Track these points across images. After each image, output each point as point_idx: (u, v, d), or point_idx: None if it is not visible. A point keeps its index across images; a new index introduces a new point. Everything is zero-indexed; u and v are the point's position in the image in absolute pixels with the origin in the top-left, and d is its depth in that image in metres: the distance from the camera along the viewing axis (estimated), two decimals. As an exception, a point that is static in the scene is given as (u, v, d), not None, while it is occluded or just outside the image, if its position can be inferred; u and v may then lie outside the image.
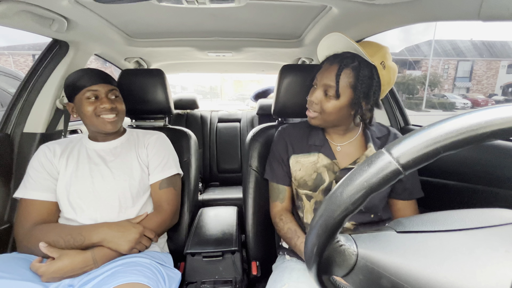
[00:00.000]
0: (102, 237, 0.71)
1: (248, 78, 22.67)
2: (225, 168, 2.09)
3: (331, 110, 0.70)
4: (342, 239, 0.30)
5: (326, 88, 0.69)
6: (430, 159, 0.24)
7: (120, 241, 0.72)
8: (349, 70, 0.66)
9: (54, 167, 0.82)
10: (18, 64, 17.95)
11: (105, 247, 0.71)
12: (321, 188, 0.75)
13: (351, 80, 0.66)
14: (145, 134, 0.95)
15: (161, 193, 0.88)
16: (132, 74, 1.09)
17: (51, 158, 0.82)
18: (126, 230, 0.74)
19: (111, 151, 0.88)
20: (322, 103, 0.70)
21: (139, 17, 1.00)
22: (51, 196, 0.80)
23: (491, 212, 0.32)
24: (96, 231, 0.72)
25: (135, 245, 0.74)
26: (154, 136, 0.95)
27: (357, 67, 0.66)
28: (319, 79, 0.71)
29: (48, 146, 0.85)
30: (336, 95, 0.67)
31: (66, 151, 0.85)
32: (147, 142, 0.92)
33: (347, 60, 0.66)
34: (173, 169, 0.91)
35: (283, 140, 0.84)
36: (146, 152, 0.91)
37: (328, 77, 0.68)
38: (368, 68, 0.66)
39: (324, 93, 0.70)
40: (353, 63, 0.66)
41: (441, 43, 23.69)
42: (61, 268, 0.66)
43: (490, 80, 23.05)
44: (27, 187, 0.78)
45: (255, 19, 1.02)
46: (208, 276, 0.82)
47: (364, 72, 0.65)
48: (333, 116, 0.71)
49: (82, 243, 0.70)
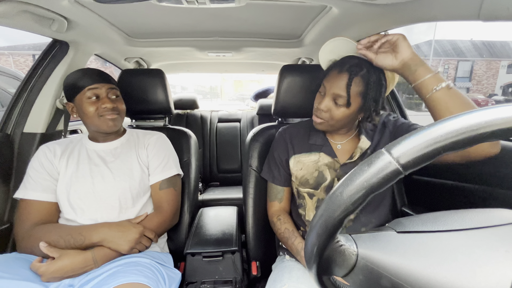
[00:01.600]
0: (102, 237, 0.71)
1: (248, 78, 22.67)
2: (225, 168, 2.08)
3: (340, 117, 0.70)
4: (342, 239, 0.30)
5: (335, 97, 0.68)
6: (430, 159, 0.24)
7: (120, 241, 0.72)
8: (359, 79, 0.66)
9: (54, 167, 0.82)
10: (18, 64, 17.93)
11: (105, 247, 0.71)
12: (323, 185, 0.76)
13: (361, 89, 0.66)
14: (145, 135, 0.95)
15: (162, 194, 0.88)
16: (132, 74, 1.09)
17: (51, 158, 0.82)
18: (126, 230, 0.74)
19: (111, 151, 0.88)
20: (331, 111, 0.70)
21: (139, 17, 1.00)
22: (51, 197, 0.80)
23: (491, 212, 0.32)
24: (96, 231, 0.72)
25: (135, 245, 0.74)
26: (154, 136, 0.95)
27: (366, 75, 0.66)
28: (328, 88, 0.69)
29: (48, 147, 0.85)
30: (347, 105, 0.67)
31: (67, 152, 0.85)
32: (147, 143, 0.92)
33: (356, 69, 0.65)
34: (173, 170, 0.91)
35: (283, 141, 0.84)
36: (146, 153, 0.90)
37: (338, 86, 0.67)
38: (376, 74, 0.66)
39: (333, 102, 0.69)
40: (361, 71, 0.66)
41: (441, 43, 23.68)
42: (61, 268, 0.66)
43: (490, 80, 23.05)
44: (27, 188, 0.78)
45: (255, 19, 1.02)
46: (208, 276, 0.82)
47: (373, 78, 0.65)
48: (341, 123, 0.72)
49: (82, 243, 0.70)
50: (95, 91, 0.81)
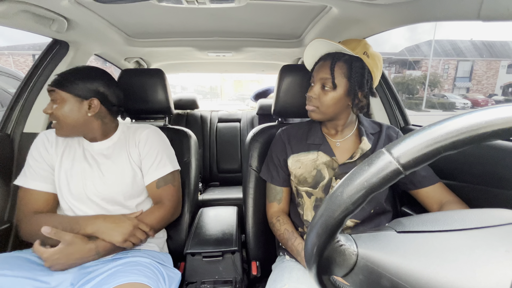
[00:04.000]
0: (96, 228, 0.72)
1: (248, 78, 22.69)
2: (225, 168, 2.08)
3: (329, 102, 0.72)
4: (342, 239, 0.30)
5: (323, 82, 0.73)
6: (431, 159, 0.24)
7: (113, 232, 0.72)
8: (342, 62, 0.71)
9: (51, 156, 0.81)
10: (18, 64, 17.95)
11: (99, 238, 0.72)
12: (321, 184, 0.76)
13: (345, 71, 0.70)
14: (136, 130, 0.89)
15: (160, 191, 0.86)
16: (132, 74, 1.09)
17: (48, 147, 0.81)
18: (120, 222, 0.74)
19: (102, 152, 0.84)
20: (320, 96, 0.73)
21: (139, 17, 1.00)
22: (50, 187, 0.79)
23: (491, 212, 0.32)
24: (91, 221, 0.73)
25: (129, 237, 0.74)
26: (145, 131, 0.88)
27: (349, 59, 0.71)
28: (315, 75, 0.75)
29: (46, 134, 0.83)
30: (332, 86, 0.71)
31: (64, 143, 0.83)
32: (138, 140, 0.86)
33: (338, 55, 0.72)
34: (168, 167, 0.87)
35: (281, 141, 0.85)
36: (138, 151, 0.86)
37: (323, 71, 0.72)
38: (358, 60, 0.70)
39: (321, 87, 0.73)
40: (343, 56, 0.71)
41: (441, 43, 23.69)
42: (65, 254, 0.67)
43: (490, 80, 23.05)
44: (27, 176, 0.78)
45: (255, 19, 1.02)
46: (208, 276, 0.82)
47: (356, 63, 0.70)
48: (331, 108, 0.73)
49: (78, 232, 0.71)
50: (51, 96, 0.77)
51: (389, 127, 0.82)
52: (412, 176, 0.74)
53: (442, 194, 0.72)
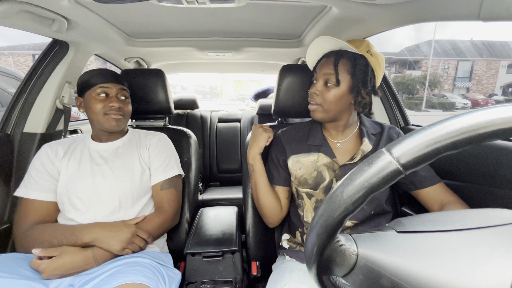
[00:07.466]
0: (94, 237, 0.71)
1: (248, 78, 22.69)
2: (225, 168, 2.08)
3: (332, 99, 0.71)
4: (342, 239, 0.30)
5: (326, 78, 0.72)
6: (431, 159, 0.24)
7: (111, 241, 0.72)
8: (345, 59, 0.70)
9: (55, 167, 0.82)
10: (18, 64, 17.94)
11: (97, 247, 0.72)
12: (321, 186, 0.76)
13: (349, 68, 0.70)
14: (147, 135, 0.96)
15: (163, 194, 0.88)
16: (132, 74, 1.09)
17: (53, 158, 0.83)
18: (118, 230, 0.74)
19: (113, 151, 0.88)
20: (323, 93, 0.72)
21: (139, 17, 1.00)
22: (51, 196, 0.80)
23: (491, 212, 0.32)
24: (88, 230, 0.72)
25: (127, 245, 0.74)
26: (156, 137, 0.95)
27: (352, 57, 0.70)
28: (318, 72, 0.74)
29: (50, 146, 0.85)
30: (336, 82, 0.70)
31: (69, 151, 0.85)
32: (149, 143, 0.93)
33: (342, 52, 0.71)
34: (175, 170, 0.92)
35: (280, 142, 0.85)
36: (148, 153, 0.91)
37: (326, 67, 0.72)
38: (362, 57, 0.70)
39: (324, 84, 0.72)
40: (347, 54, 0.71)
41: (441, 43, 23.68)
42: (62, 265, 0.67)
43: (490, 80, 23.04)
44: (28, 187, 0.79)
45: (255, 19, 1.02)
46: (208, 276, 0.82)
47: (360, 61, 0.69)
48: (334, 106, 0.72)
49: (75, 243, 0.71)
50: (105, 89, 0.84)
51: (390, 127, 0.81)
52: (413, 176, 0.73)
53: (443, 194, 0.72)
